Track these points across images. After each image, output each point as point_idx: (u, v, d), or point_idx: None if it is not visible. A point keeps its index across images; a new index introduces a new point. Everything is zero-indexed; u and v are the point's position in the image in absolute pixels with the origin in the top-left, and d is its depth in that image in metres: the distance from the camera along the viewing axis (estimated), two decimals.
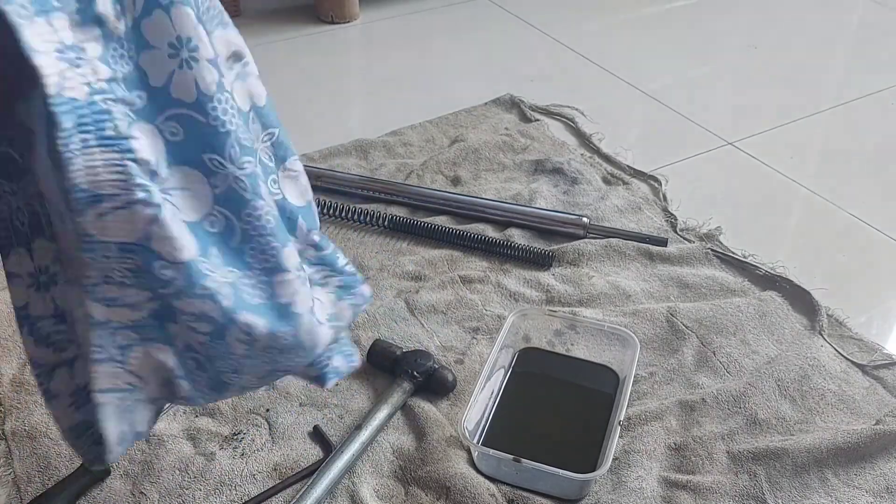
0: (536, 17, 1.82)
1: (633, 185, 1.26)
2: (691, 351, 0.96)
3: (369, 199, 1.20)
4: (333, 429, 0.87)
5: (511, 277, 1.07)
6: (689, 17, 1.88)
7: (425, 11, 1.86)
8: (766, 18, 1.88)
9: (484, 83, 1.54)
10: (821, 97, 1.55)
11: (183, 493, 0.80)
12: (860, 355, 0.97)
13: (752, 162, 1.35)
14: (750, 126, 1.43)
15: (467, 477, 0.80)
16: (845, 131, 1.45)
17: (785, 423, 0.88)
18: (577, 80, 1.60)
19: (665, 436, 0.86)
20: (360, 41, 1.77)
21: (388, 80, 1.58)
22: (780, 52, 1.72)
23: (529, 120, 1.42)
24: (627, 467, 0.83)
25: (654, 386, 0.93)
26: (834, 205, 1.24)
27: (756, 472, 0.82)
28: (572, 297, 1.04)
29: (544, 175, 1.26)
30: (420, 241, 1.13)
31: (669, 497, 0.81)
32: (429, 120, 1.41)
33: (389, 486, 0.82)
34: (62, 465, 0.81)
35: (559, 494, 0.80)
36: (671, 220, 1.18)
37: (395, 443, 0.85)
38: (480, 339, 0.98)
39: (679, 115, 1.47)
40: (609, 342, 0.94)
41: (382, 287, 1.04)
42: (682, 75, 1.62)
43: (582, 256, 1.09)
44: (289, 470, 0.83)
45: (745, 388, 0.90)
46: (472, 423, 0.83)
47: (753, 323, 1.00)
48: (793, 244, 1.17)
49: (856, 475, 0.83)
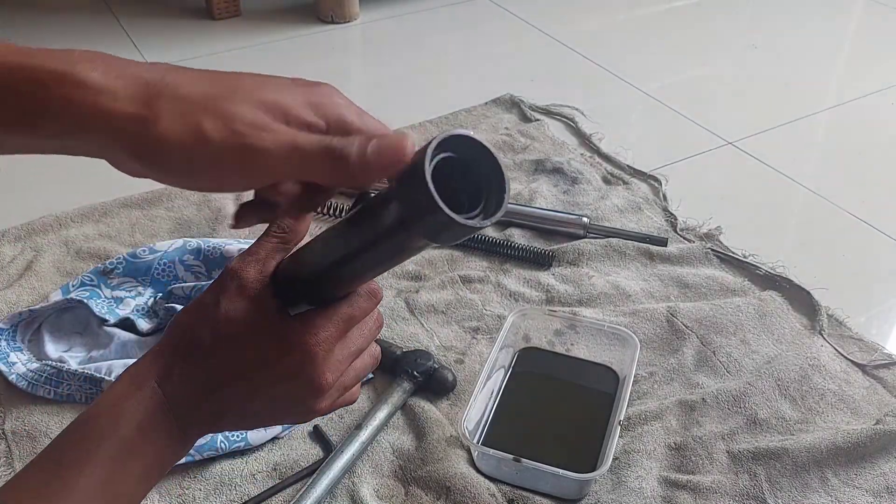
0: (536, 17, 1.82)
1: (633, 184, 1.26)
2: (691, 351, 0.96)
3: None
4: (333, 429, 0.87)
5: (511, 277, 1.07)
6: (689, 17, 1.88)
7: (425, 11, 1.86)
8: (766, 18, 1.88)
9: (484, 83, 1.54)
10: (821, 97, 1.55)
11: (183, 493, 0.80)
12: (860, 355, 0.97)
13: (752, 162, 1.35)
14: (750, 126, 1.43)
15: (467, 477, 0.80)
16: (845, 131, 1.45)
17: (785, 423, 0.88)
18: (577, 80, 1.59)
19: (665, 436, 0.86)
20: (360, 41, 1.77)
21: (388, 80, 1.58)
22: (780, 52, 1.72)
23: (529, 120, 1.42)
24: (627, 467, 0.83)
25: (654, 386, 0.92)
26: (834, 205, 1.24)
27: (756, 471, 0.82)
28: (572, 296, 1.04)
29: (544, 175, 1.26)
30: None
31: (669, 497, 0.81)
32: (429, 120, 1.41)
33: (389, 486, 0.82)
34: None
35: (559, 494, 0.80)
36: (671, 220, 1.18)
37: (395, 443, 0.85)
38: (480, 339, 0.98)
39: (679, 115, 1.47)
40: (609, 342, 0.94)
41: (382, 287, 1.04)
42: (682, 75, 1.62)
43: (582, 256, 1.09)
44: (289, 470, 0.83)
45: (745, 388, 0.90)
46: (472, 423, 0.83)
47: (753, 323, 1.00)
48: (793, 244, 1.17)
49: (856, 475, 0.83)
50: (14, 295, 1.00)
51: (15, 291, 1.01)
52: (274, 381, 0.48)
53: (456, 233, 0.41)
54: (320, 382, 0.48)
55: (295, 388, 0.49)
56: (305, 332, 0.48)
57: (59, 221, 1.12)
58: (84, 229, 1.11)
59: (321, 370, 0.48)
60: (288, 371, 0.48)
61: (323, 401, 0.50)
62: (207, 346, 0.47)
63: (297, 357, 0.47)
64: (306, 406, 0.50)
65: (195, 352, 0.48)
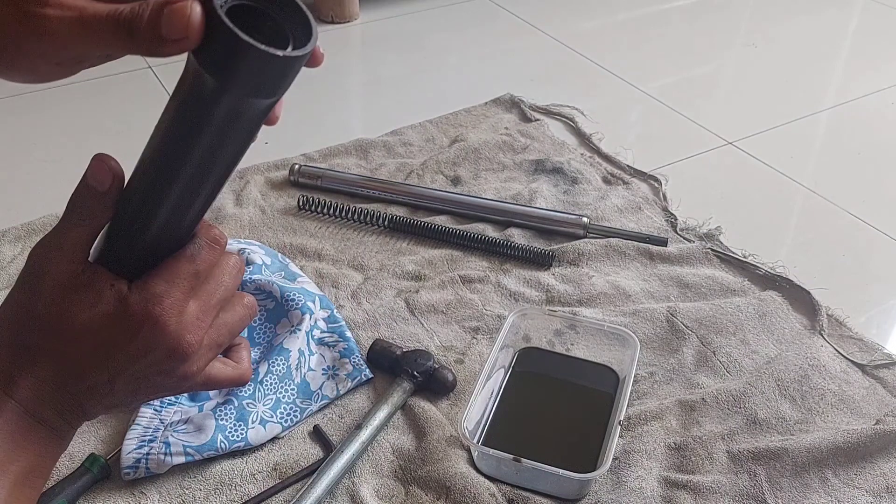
0: (536, 17, 1.82)
1: (633, 184, 1.26)
2: (691, 351, 0.96)
3: (369, 199, 1.20)
4: (333, 428, 0.87)
5: (511, 277, 1.07)
6: (689, 16, 1.88)
7: (425, 11, 1.86)
8: (766, 18, 1.88)
9: (484, 83, 1.54)
10: (821, 97, 1.55)
11: (183, 493, 0.80)
12: (860, 355, 0.97)
13: (752, 162, 1.35)
14: (750, 126, 1.43)
15: (467, 477, 0.80)
16: (845, 131, 1.45)
17: (785, 423, 0.88)
18: (577, 80, 1.60)
19: (665, 436, 0.86)
20: (360, 41, 1.77)
21: (388, 79, 1.58)
22: (780, 51, 1.72)
23: (529, 120, 1.42)
24: (627, 467, 0.83)
25: (654, 386, 0.92)
26: (834, 205, 1.24)
27: (756, 471, 0.82)
28: (572, 296, 1.04)
29: (544, 175, 1.26)
30: (420, 241, 1.13)
31: (669, 497, 0.81)
32: (429, 119, 1.41)
33: (389, 486, 0.82)
34: (62, 465, 0.81)
35: (559, 494, 0.80)
36: (671, 220, 1.18)
37: (395, 442, 0.85)
38: (480, 339, 0.98)
39: (679, 115, 1.47)
40: (609, 342, 0.94)
41: (382, 287, 1.04)
42: (682, 75, 1.62)
43: (582, 256, 1.09)
44: (289, 470, 0.83)
45: (745, 388, 0.90)
46: (472, 423, 0.83)
47: (753, 323, 1.00)
48: (793, 244, 1.17)
49: (856, 475, 0.83)
50: None
51: None
52: (131, 360, 0.46)
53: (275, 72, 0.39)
54: (182, 347, 0.46)
55: (157, 361, 0.46)
56: (147, 303, 0.45)
57: None
58: None
59: (178, 335, 0.46)
60: (142, 347, 0.46)
61: (193, 363, 0.48)
62: (44, 347, 0.45)
63: (147, 332, 0.45)
64: (178, 374, 0.48)
65: (35, 355, 0.45)
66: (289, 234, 1.13)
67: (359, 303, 1.02)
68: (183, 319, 0.46)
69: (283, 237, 1.12)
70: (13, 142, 1.35)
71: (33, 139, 1.35)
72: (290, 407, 0.87)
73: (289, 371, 0.88)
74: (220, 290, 0.49)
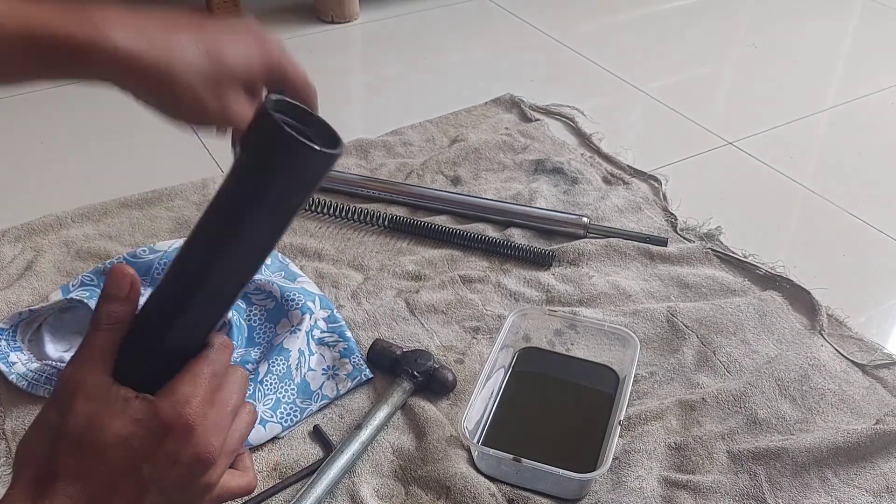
0: (536, 17, 1.82)
1: (633, 184, 1.26)
2: (691, 351, 0.96)
3: (369, 199, 1.20)
4: (333, 428, 0.87)
5: (511, 277, 1.07)
6: (689, 17, 1.88)
7: (425, 11, 1.86)
8: (766, 18, 1.88)
9: (484, 83, 1.54)
10: (820, 97, 1.55)
11: None
12: (860, 355, 0.97)
13: (752, 162, 1.35)
14: (750, 126, 1.43)
15: (467, 477, 0.80)
16: (845, 131, 1.45)
17: (785, 423, 0.88)
18: (577, 80, 1.60)
19: (665, 435, 0.86)
20: (360, 41, 1.77)
21: (388, 80, 1.58)
22: (780, 51, 1.72)
23: (529, 120, 1.42)
24: (627, 467, 0.83)
25: (654, 386, 0.93)
26: (834, 205, 1.24)
27: (756, 471, 0.82)
28: (572, 296, 1.04)
29: (544, 175, 1.26)
30: (420, 241, 1.13)
31: (669, 497, 0.81)
32: (429, 119, 1.41)
33: (389, 486, 0.82)
34: None
35: (559, 494, 0.80)
36: (671, 220, 1.18)
37: (395, 442, 0.85)
38: (480, 339, 0.98)
39: (679, 115, 1.47)
40: (609, 342, 0.94)
41: (382, 287, 1.04)
42: (682, 75, 1.62)
43: (582, 256, 1.09)
44: (289, 470, 0.83)
45: (745, 388, 0.90)
46: (472, 423, 0.83)
47: (753, 323, 1.00)
48: (793, 244, 1.17)
49: (856, 475, 0.83)
50: (14, 295, 1.00)
51: (15, 291, 1.01)
52: (159, 472, 0.46)
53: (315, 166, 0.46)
54: (208, 451, 0.47)
55: (184, 469, 0.46)
56: (176, 405, 0.46)
57: (59, 221, 1.12)
58: (84, 229, 1.11)
59: (205, 439, 0.47)
60: (171, 453, 0.46)
61: (214, 472, 0.48)
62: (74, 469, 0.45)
63: (176, 434, 0.46)
64: (201, 485, 0.48)
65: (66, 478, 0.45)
66: (289, 234, 1.13)
67: (359, 303, 1.02)
68: (207, 423, 0.47)
69: (282, 237, 1.12)
70: (13, 142, 1.35)
71: (34, 139, 1.35)
72: (290, 407, 0.87)
73: (289, 371, 0.88)
74: (234, 397, 0.50)
